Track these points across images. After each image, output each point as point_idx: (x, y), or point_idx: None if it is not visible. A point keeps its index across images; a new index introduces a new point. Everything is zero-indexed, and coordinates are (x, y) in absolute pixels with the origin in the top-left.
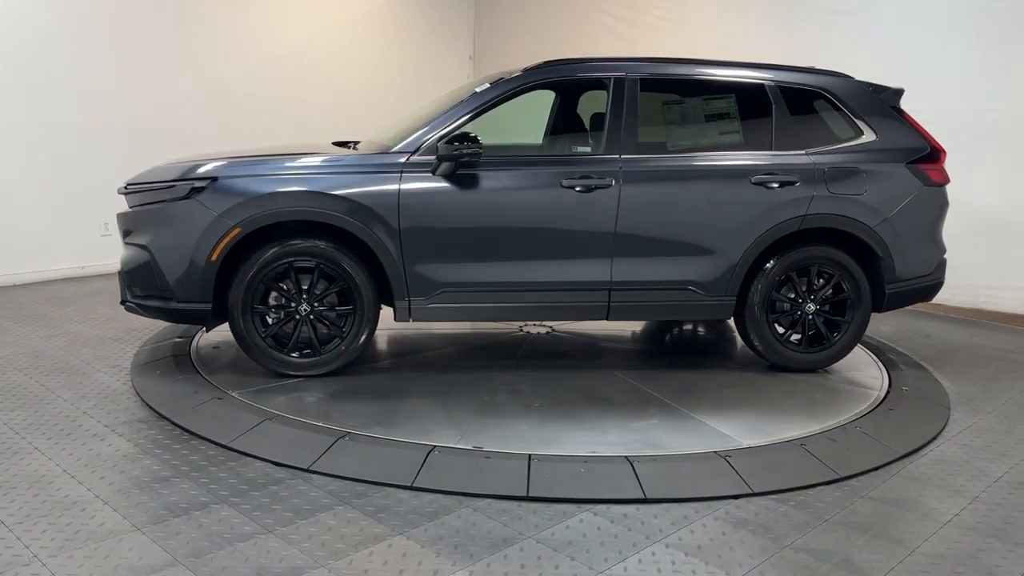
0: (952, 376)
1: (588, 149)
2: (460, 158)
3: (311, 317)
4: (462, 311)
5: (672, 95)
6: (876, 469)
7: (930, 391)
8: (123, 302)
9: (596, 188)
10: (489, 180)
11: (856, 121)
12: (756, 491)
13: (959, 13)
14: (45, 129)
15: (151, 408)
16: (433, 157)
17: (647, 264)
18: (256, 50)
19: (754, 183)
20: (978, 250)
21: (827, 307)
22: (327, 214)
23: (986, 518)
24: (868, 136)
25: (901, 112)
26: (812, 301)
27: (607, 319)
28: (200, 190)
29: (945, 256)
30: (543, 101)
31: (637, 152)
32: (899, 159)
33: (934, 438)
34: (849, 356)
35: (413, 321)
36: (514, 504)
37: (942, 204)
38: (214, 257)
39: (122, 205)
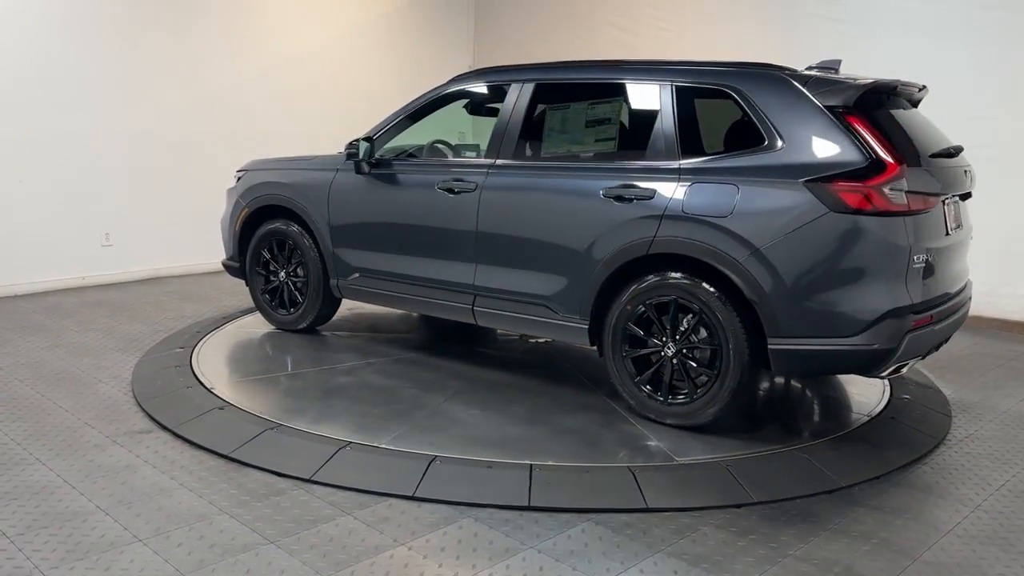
0: (953, 384)
1: (473, 154)
2: (350, 158)
3: (287, 283)
4: (370, 295)
5: (563, 101)
6: (878, 478)
7: (931, 399)
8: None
9: (462, 192)
10: (388, 180)
11: (762, 126)
12: (757, 500)
13: (957, 18)
14: (46, 139)
15: (152, 419)
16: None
17: (505, 273)
18: (258, 60)
19: (604, 196)
20: (978, 256)
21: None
22: (290, 200)
23: (988, 526)
24: (775, 144)
25: (853, 113)
26: (674, 342)
27: (475, 323)
28: (239, 178)
29: (902, 314)
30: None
31: (512, 158)
32: (795, 175)
33: (936, 446)
34: None
35: (341, 297)
36: (516, 514)
37: (871, 238)
38: (237, 227)
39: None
